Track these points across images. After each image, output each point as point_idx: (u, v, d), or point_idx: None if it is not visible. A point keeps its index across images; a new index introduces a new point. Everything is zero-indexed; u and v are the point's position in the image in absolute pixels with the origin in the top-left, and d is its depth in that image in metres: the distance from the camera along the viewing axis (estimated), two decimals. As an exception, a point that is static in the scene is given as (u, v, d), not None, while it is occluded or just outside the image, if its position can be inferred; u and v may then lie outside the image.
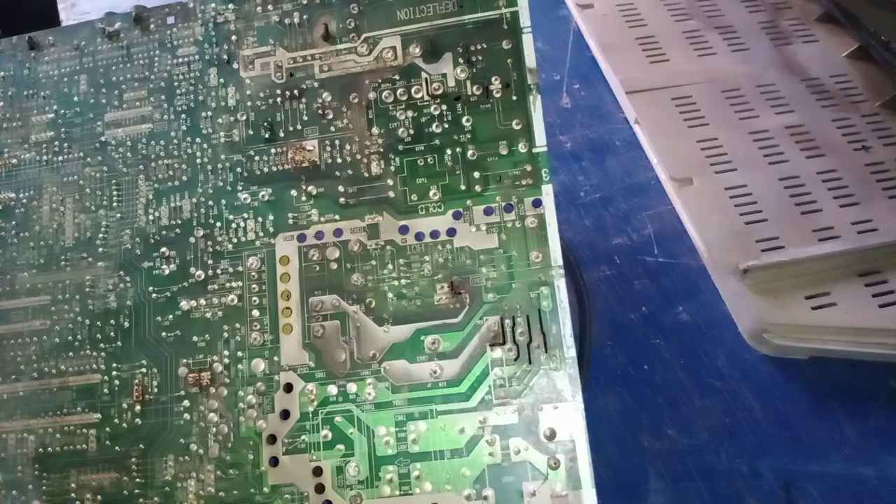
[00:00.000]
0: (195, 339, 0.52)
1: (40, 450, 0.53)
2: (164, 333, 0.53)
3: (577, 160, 0.84)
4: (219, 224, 0.54)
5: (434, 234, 0.51)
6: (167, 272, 0.54)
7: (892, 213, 0.75)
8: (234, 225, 0.54)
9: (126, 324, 0.54)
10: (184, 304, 0.53)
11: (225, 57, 0.57)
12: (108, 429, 0.52)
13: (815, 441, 0.64)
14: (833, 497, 0.61)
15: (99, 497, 0.52)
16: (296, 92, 0.55)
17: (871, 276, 0.70)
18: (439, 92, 0.52)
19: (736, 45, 0.91)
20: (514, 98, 0.51)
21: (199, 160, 0.55)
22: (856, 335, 0.67)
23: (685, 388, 0.67)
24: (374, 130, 0.53)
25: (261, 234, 0.53)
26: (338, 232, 0.52)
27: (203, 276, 0.53)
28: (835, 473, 0.62)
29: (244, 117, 0.55)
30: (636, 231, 0.77)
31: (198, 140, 0.56)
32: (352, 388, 0.49)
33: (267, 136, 0.54)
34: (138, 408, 0.52)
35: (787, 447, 0.64)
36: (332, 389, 0.49)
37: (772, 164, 0.79)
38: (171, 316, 0.53)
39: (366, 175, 0.52)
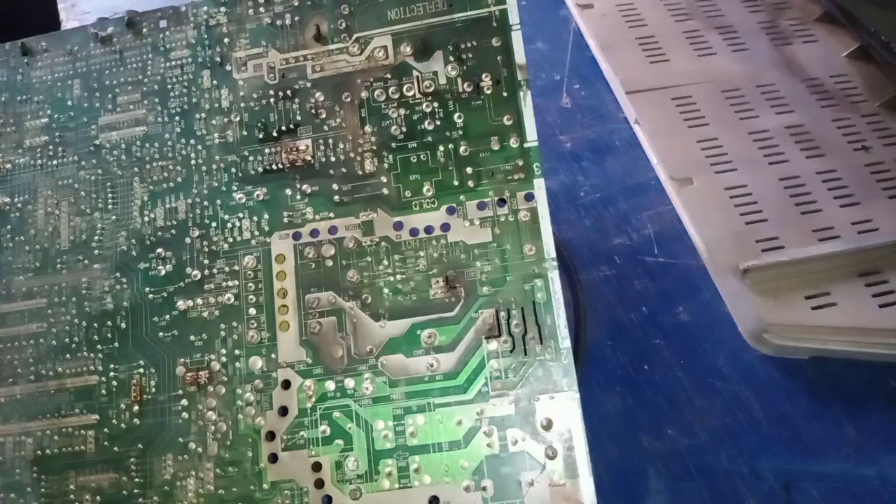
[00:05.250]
0: (192, 338, 0.54)
1: (38, 452, 0.55)
2: (161, 333, 0.55)
3: (577, 160, 0.86)
4: (214, 224, 0.56)
5: (428, 229, 0.53)
6: (163, 273, 0.56)
7: (892, 213, 0.77)
8: (229, 224, 0.56)
9: (123, 325, 0.56)
10: (180, 304, 0.55)
11: (218, 59, 0.59)
12: (106, 429, 0.54)
13: (815, 441, 0.65)
14: (833, 497, 0.63)
15: (98, 498, 0.53)
16: (288, 92, 0.57)
17: (871, 276, 0.72)
18: (431, 90, 0.55)
19: (736, 45, 0.94)
20: (505, 94, 0.54)
21: (193, 161, 0.58)
22: (856, 335, 0.69)
23: (685, 388, 0.69)
24: (367, 129, 0.55)
25: (256, 233, 0.55)
26: (333, 229, 0.54)
27: (199, 276, 0.55)
28: (835, 473, 0.64)
29: (238, 118, 0.58)
30: (636, 231, 0.79)
31: (192, 142, 0.58)
32: (349, 383, 0.51)
33: (261, 136, 0.57)
34: (136, 408, 0.54)
35: (787, 447, 0.65)
36: (330, 385, 0.51)
37: (772, 164, 0.82)
38: (167, 316, 0.55)
39: (359, 173, 0.55)
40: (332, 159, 0.56)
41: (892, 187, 0.79)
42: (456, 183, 0.53)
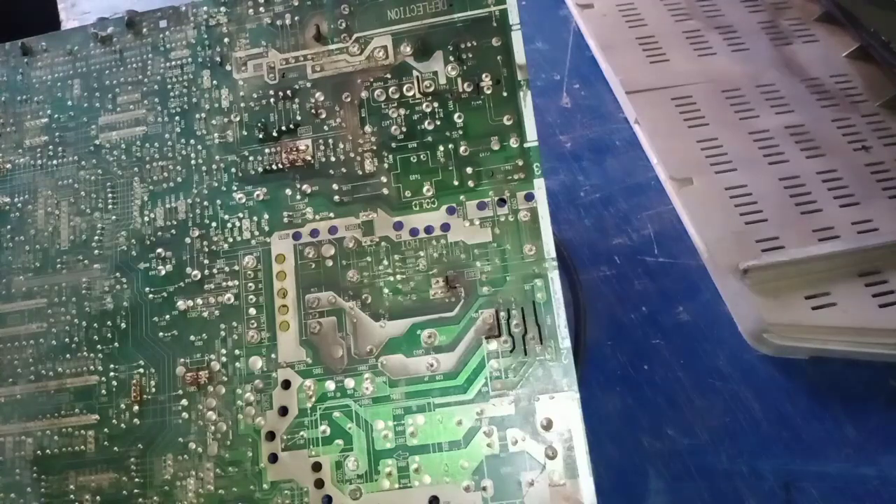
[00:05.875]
0: (192, 338, 0.54)
1: (38, 452, 0.55)
2: (161, 333, 0.55)
3: (577, 160, 0.86)
4: (214, 224, 0.56)
5: (428, 229, 0.53)
6: (163, 273, 0.56)
7: (892, 213, 0.77)
8: (229, 224, 0.56)
9: (123, 325, 0.56)
10: (180, 304, 0.55)
11: (218, 59, 0.59)
12: (106, 429, 0.54)
13: (815, 441, 0.65)
14: (833, 497, 0.63)
15: (98, 498, 0.53)
16: (288, 92, 0.57)
17: (871, 276, 0.72)
18: (431, 90, 0.55)
19: (736, 45, 0.94)
20: (505, 94, 0.54)
21: (193, 161, 0.58)
22: (856, 335, 0.69)
23: (685, 388, 0.69)
24: (367, 129, 0.55)
25: (256, 233, 0.55)
26: (333, 229, 0.54)
27: (199, 276, 0.55)
28: (835, 473, 0.64)
29: (238, 118, 0.58)
30: (636, 231, 0.79)
31: (192, 142, 0.58)
32: (349, 383, 0.51)
33: (261, 136, 0.57)
34: (136, 408, 0.54)
35: (787, 447, 0.65)
36: (330, 385, 0.51)
37: (772, 164, 0.82)
38: (167, 316, 0.55)
39: (359, 173, 0.55)
40: (332, 159, 0.56)
41: (892, 187, 0.79)
42: (456, 183, 0.53)
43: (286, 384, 0.52)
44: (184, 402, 0.54)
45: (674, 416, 0.68)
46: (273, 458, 0.51)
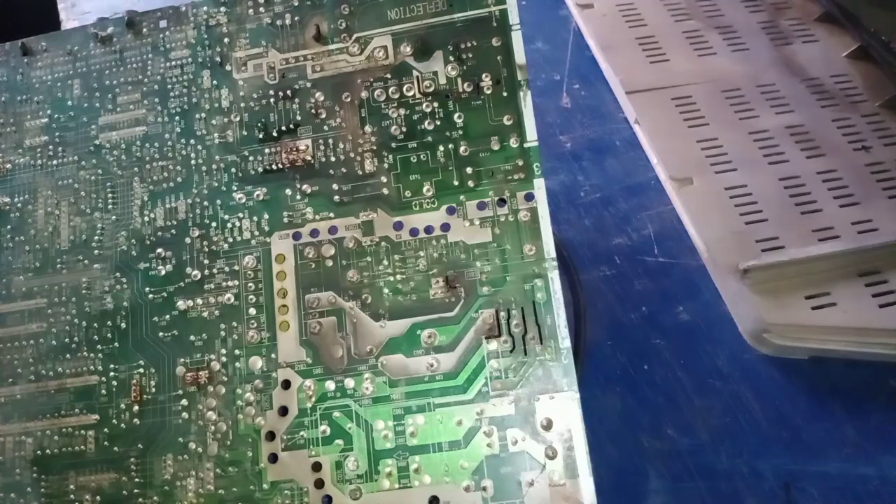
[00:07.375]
0: (192, 338, 0.54)
1: (38, 452, 0.55)
2: (161, 333, 0.55)
3: (577, 160, 0.86)
4: (214, 224, 0.56)
5: (428, 229, 0.53)
6: (163, 273, 0.56)
7: (892, 213, 0.77)
8: (229, 224, 0.56)
9: (123, 325, 0.56)
10: (180, 304, 0.55)
11: (218, 59, 0.59)
12: (106, 429, 0.54)
13: (815, 441, 0.65)
14: (833, 497, 0.63)
15: (98, 498, 0.53)
16: (288, 92, 0.57)
17: (871, 276, 0.72)
18: (431, 90, 0.55)
19: (736, 45, 0.94)
20: (505, 94, 0.54)
21: (193, 161, 0.58)
22: (856, 335, 0.69)
23: (685, 388, 0.69)
24: (367, 129, 0.55)
25: (256, 233, 0.55)
26: (333, 229, 0.54)
27: (199, 276, 0.55)
28: (835, 473, 0.64)
29: (238, 118, 0.58)
30: (636, 231, 0.79)
31: (192, 142, 0.58)
32: (349, 383, 0.51)
33: (261, 136, 0.57)
34: (136, 408, 0.54)
35: (787, 447, 0.65)
36: (330, 385, 0.51)
37: (772, 164, 0.82)
38: (167, 316, 0.55)
39: (359, 173, 0.55)
40: (332, 159, 0.56)
41: (892, 187, 0.79)
42: (456, 183, 0.53)
43: (286, 384, 0.52)
44: (184, 402, 0.54)
45: (674, 416, 0.67)
46: (273, 458, 0.51)
